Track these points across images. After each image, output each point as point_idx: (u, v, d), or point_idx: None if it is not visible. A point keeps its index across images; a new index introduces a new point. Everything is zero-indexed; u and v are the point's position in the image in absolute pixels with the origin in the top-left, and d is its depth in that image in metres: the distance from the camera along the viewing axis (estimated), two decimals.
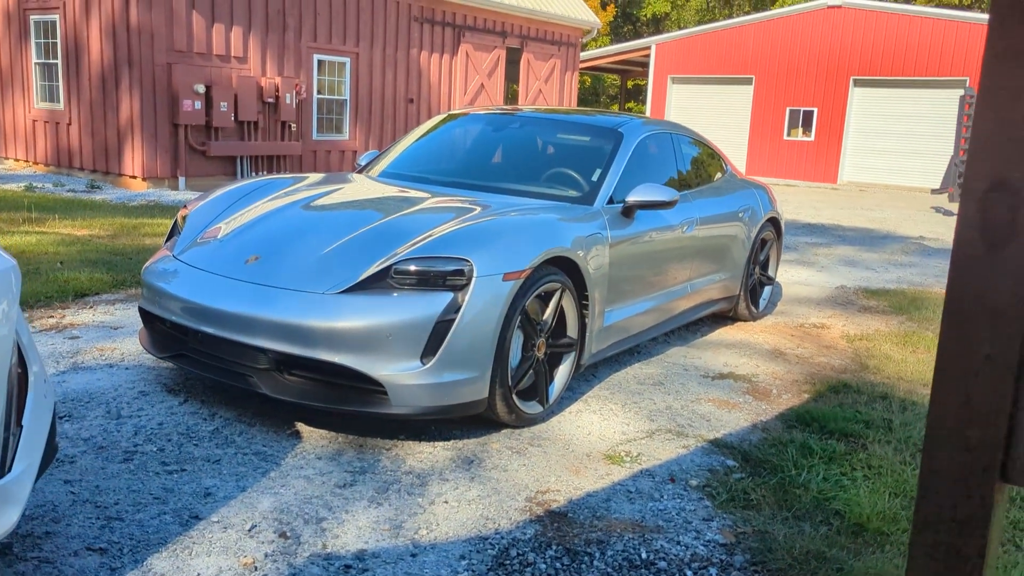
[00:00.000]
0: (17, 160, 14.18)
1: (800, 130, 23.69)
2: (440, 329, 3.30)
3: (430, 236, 3.55)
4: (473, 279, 3.36)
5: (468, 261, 3.39)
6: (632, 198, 4.34)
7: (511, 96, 20.79)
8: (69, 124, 13.18)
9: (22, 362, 2.19)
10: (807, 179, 23.41)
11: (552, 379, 3.92)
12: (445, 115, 5.53)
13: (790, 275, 8.32)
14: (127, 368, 4.18)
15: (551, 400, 3.90)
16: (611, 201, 4.40)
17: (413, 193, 4.38)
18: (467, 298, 3.34)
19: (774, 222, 6.21)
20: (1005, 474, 0.99)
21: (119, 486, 2.98)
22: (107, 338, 4.67)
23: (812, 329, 6.13)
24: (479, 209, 3.94)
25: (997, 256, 0.93)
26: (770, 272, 6.37)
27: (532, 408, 3.77)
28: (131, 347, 4.50)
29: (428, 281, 3.37)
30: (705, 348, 5.39)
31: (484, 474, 3.31)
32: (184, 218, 4.20)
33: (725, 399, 4.41)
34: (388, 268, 3.41)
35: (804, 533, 3.00)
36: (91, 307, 5.32)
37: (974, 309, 0.96)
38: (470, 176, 4.75)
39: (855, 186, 22.67)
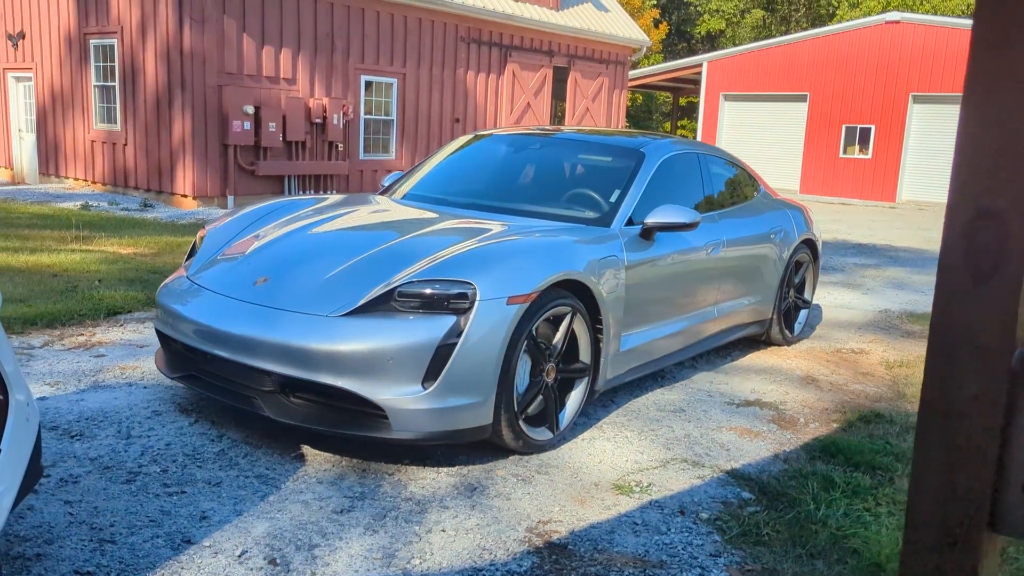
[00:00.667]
0: (76, 179, 14.67)
1: (857, 148, 23.16)
2: (442, 353, 3.25)
3: (436, 259, 3.51)
4: (476, 302, 3.30)
5: (471, 284, 3.33)
6: (651, 220, 4.24)
7: (558, 115, 20.78)
8: (125, 144, 13.59)
9: (3, 388, 2.21)
10: (864, 198, 22.86)
11: (563, 405, 3.83)
12: (471, 136, 5.51)
13: (832, 297, 8.06)
14: (145, 387, 4.23)
15: (562, 427, 3.80)
16: (630, 223, 4.30)
17: (427, 215, 4.35)
18: (470, 322, 3.28)
19: (809, 243, 6.02)
20: (994, 524, 0.89)
21: (117, 507, 2.99)
22: (131, 357, 4.74)
23: (850, 354, 5.91)
24: (491, 231, 3.88)
25: (983, 289, 0.84)
26: (806, 295, 6.18)
27: (541, 435, 3.68)
28: (152, 366, 4.55)
29: (431, 304, 3.33)
30: (733, 373, 5.23)
31: (486, 502, 3.23)
32: (202, 238, 4.25)
33: (748, 428, 4.26)
34: (392, 291, 3.37)
35: (816, 572, 2.86)
36: (121, 325, 5.41)
37: (959, 345, 0.87)
38: (490, 198, 4.70)
39: (914, 205, 22.04)
